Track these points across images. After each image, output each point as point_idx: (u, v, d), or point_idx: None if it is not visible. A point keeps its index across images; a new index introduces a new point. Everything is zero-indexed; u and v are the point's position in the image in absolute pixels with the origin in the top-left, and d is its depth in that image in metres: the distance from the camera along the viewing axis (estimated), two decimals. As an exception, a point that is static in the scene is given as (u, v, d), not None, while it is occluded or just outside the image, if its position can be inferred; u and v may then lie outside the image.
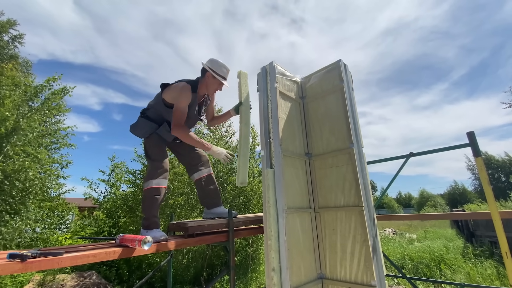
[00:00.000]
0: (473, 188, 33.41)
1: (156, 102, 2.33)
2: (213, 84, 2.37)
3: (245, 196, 7.30)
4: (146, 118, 2.33)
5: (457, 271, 6.89)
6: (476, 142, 2.16)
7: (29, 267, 1.22)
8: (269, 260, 2.01)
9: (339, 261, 2.21)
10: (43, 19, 64.37)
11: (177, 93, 2.20)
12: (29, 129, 5.94)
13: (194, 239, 2.04)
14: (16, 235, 5.47)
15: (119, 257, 1.56)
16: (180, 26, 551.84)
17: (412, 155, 2.59)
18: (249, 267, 6.82)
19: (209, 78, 2.35)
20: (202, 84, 2.37)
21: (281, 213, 2.11)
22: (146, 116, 2.34)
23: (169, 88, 2.28)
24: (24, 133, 5.79)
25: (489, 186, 2.05)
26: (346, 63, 2.72)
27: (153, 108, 2.35)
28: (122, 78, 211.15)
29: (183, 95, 2.19)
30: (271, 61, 2.62)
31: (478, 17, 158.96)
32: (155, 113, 2.34)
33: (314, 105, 2.78)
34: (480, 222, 9.38)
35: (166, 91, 2.28)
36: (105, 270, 6.38)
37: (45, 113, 7.01)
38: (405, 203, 50.27)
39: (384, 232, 13.98)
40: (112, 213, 7.47)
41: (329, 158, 2.50)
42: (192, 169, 2.52)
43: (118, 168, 7.98)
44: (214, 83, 2.37)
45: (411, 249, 8.62)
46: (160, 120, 2.33)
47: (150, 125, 2.31)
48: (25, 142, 5.81)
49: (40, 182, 6.05)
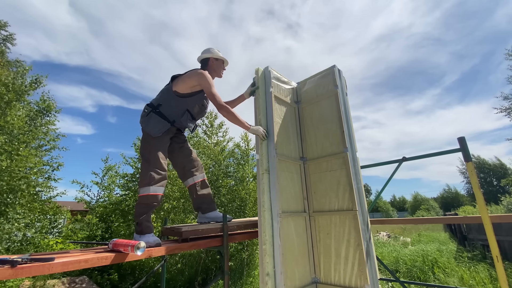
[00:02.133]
0: (466, 192, 33.90)
1: (168, 97, 2.29)
2: (218, 65, 2.54)
3: (240, 199, 7.28)
4: (159, 115, 2.23)
5: (450, 274, 6.95)
6: (467, 147, 2.20)
7: (19, 273, 1.19)
8: (263, 265, 2.01)
9: (333, 265, 2.21)
10: (38, 20, 63.92)
11: (200, 80, 2.25)
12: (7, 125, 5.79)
13: (188, 243, 2.02)
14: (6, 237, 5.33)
15: (112, 263, 1.54)
16: (176, 29, 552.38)
17: (405, 159, 2.63)
18: (243, 272, 6.77)
19: (213, 62, 2.50)
20: (210, 71, 2.46)
21: (275, 217, 2.11)
22: (158, 112, 2.23)
23: (182, 79, 2.30)
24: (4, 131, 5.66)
25: (480, 191, 2.08)
26: (341, 69, 2.75)
27: (165, 105, 2.27)
28: (117, 81, 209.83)
29: (207, 79, 2.26)
30: (267, 66, 2.64)
31: (469, 25, 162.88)
32: (168, 110, 2.26)
33: (308, 109, 2.81)
34: (472, 226, 9.51)
35: (179, 83, 2.29)
36: (96, 275, 6.27)
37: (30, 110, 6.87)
38: (399, 206, 50.64)
39: (379, 235, 14.05)
40: (105, 217, 7.37)
41: (323, 163, 2.52)
42: (187, 174, 2.49)
43: (112, 170, 7.88)
44: (219, 64, 2.55)
45: (405, 253, 8.68)
46: (172, 117, 2.26)
47: (163, 124, 2.21)
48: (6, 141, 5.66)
49: (26, 182, 5.91)
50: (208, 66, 2.50)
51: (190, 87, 2.28)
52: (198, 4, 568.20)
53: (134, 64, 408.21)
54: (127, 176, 7.46)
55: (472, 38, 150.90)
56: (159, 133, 2.18)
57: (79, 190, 7.39)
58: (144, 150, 2.19)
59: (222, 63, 2.57)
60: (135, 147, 7.44)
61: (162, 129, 2.20)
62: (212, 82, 2.30)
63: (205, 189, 2.50)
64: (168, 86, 2.35)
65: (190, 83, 2.28)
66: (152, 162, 2.11)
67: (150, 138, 2.19)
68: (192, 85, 2.28)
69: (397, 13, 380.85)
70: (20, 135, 6.20)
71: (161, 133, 2.19)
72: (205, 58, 2.52)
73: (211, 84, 2.28)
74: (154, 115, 2.22)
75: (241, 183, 7.48)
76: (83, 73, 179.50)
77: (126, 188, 7.40)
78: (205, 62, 2.52)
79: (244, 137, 8.41)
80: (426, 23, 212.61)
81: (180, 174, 2.53)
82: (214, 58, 2.51)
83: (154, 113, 2.23)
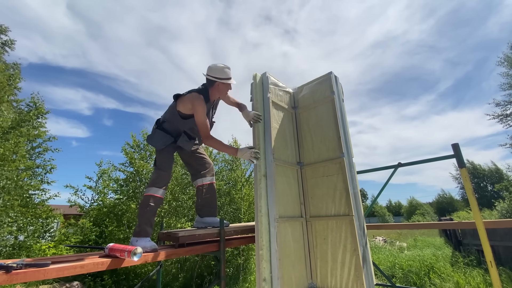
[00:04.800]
0: (460, 197, 34.15)
1: (171, 115, 2.41)
2: (224, 89, 2.49)
3: (235, 203, 7.26)
4: (162, 130, 2.40)
5: (446, 279, 6.97)
6: (461, 154, 2.24)
7: (14, 279, 1.18)
8: (260, 270, 2.00)
9: (329, 271, 2.21)
10: (34, 23, 63.73)
11: (192, 105, 2.27)
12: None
13: (185, 249, 2.01)
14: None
15: (108, 268, 1.53)
16: (174, 33, 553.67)
17: (401, 165, 2.66)
18: (239, 277, 6.72)
19: (219, 86, 2.44)
20: (213, 92, 2.46)
21: (272, 222, 2.11)
22: (162, 128, 2.41)
23: (182, 99, 2.35)
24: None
25: (474, 196, 2.12)
26: (337, 75, 2.79)
27: (168, 121, 2.42)
28: (114, 84, 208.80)
29: (200, 107, 2.26)
30: (265, 72, 2.67)
31: (462, 32, 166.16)
32: (171, 126, 2.42)
33: (306, 115, 2.83)
34: (467, 231, 9.57)
35: (180, 102, 2.34)
36: (89, 281, 6.16)
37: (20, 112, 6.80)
38: (395, 211, 50.81)
39: (375, 240, 14.06)
40: (99, 221, 7.27)
41: (320, 168, 2.54)
42: (197, 175, 2.63)
43: (106, 174, 7.80)
44: (225, 87, 2.49)
45: (401, 258, 8.69)
46: (176, 132, 2.43)
47: (166, 138, 2.38)
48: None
49: (14, 181, 5.81)
50: (213, 87, 2.41)
51: (187, 110, 2.33)
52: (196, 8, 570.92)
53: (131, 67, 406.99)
54: (119, 180, 7.40)
55: (465, 46, 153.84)
56: (163, 145, 2.35)
57: (72, 193, 7.27)
58: (156, 158, 2.41)
59: (228, 85, 2.48)
60: (125, 153, 7.38)
61: (166, 142, 2.36)
62: (204, 111, 2.28)
63: (211, 193, 2.60)
64: (173, 105, 2.42)
65: (188, 106, 2.32)
66: (161, 167, 2.32)
67: (157, 150, 2.40)
68: (189, 108, 2.32)
69: (392, 20, 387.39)
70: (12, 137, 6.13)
71: (165, 145, 2.36)
72: (212, 80, 2.39)
73: (202, 113, 2.26)
74: (158, 131, 2.40)
75: (234, 187, 7.45)
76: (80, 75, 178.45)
77: (119, 192, 7.33)
78: (211, 82, 2.41)
79: (234, 141, 8.42)
80: (421, 30, 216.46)
81: (193, 176, 2.69)
82: (221, 83, 2.41)
83: (158, 129, 2.41)
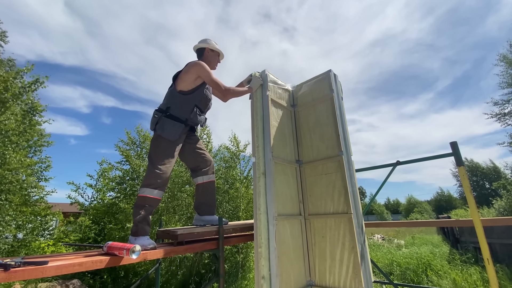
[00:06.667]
0: (459, 195, 34.32)
1: (174, 98, 2.28)
2: (213, 57, 2.54)
3: (234, 201, 7.26)
4: (170, 118, 2.21)
5: (443, 277, 7.03)
6: (459, 152, 2.25)
7: (13, 277, 1.18)
8: (259, 268, 2.01)
9: (328, 268, 2.22)
10: (32, 20, 63.28)
11: (196, 70, 2.26)
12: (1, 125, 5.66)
13: (184, 247, 2.01)
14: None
15: (106, 266, 1.53)
16: (172, 31, 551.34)
17: (399, 163, 2.67)
18: (238, 274, 6.75)
19: (208, 53, 2.52)
20: (204, 62, 2.44)
21: (271, 220, 2.12)
22: (169, 115, 2.21)
23: (180, 77, 2.31)
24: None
25: (471, 194, 2.12)
26: (336, 73, 2.79)
27: (173, 106, 2.25)
28: (112, 81, 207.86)
29: (204, 67, 2.28)
30: (264, 69, 2.66)
31: (461, 31, 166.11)
32: (178, 111, 2.25)
33: (305, 113, 2.83)
34: (465, 229, 9.63)
35: (180, 80, 2.29)
36: (89, 279, 6.17)
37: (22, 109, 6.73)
38: (393, 209, 51.05)
39: (373, 238, 14.14)
40: (98, 219, 7.27)
41: (319, 166, 2.54)
42: (199, 173, 2.54)
43: (106, 172, 7.79)
44: (214, 55, 2.54)
45: (399, 255, 8.75)
46: (184, 116, 2.27)
47: (178, 126, 2.21)
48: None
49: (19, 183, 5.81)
50: (204, 56, 2.51)
51: (192, 81, 2.29)
52: (195, 6, 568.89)
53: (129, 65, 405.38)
54: (117, 178, 7.39)
55: (464, 44, 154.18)
56: (176, 136, 2.19)
57: (73, 190, 7.26)
58: (152, 153, 2.17)
59: (217, 55, 2.59)
60: (120, 150, 7.35)
61: (178, 131, 2.20)
62: (210, 70, 2.32)
63: (210, 191, 2.54)
64: (172, 88, 2.35)
65: (190, 78, 2.28)
66: (157, 166, 2.09)
67: (161, 142, 2.16)
68: (192, 79, 2.28)
69: (391, 19, 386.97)
70: (13, 136, 6.09)
71: (179, 135, 2.21)
72: (201, 48, 2.53)
73: (210, 72, 2.30)
74: (166, 120, 2.19)
75: (232, 186, 7.45)
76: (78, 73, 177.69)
77: (117, 191, 7.32)
78: (201, 52, 2.53)
79: (233, 139, 8.33)
80: (419, 29, 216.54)
81: (192, 172, 2.60)
82: (210, 49, 2.53)
83: (166, 117, 2.20)
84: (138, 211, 1.98)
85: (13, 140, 6.01)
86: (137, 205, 2.02)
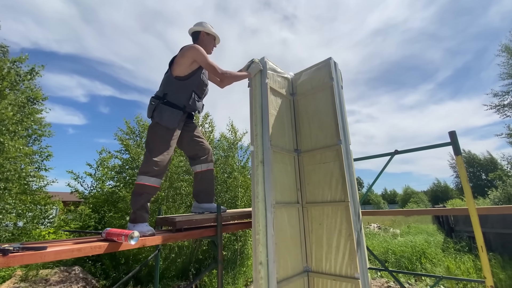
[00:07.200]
0: (455, 186, 34.77)
1: (171, 84, 2.23)
2: (209, 41, 2.49)
3: (233, 191, 7.31)
4: (168, 105, 2.17)
5: (437, 264, 7.19)
6: (457, 141, 2.25)
7: (11, 261, 1.19)
8: (256, 254, 2.04)
9: (324, 255, 2.26)
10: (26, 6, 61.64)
11: (192, 54, 2.22)
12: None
13: (183, 233, 2.03)
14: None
15: (105, 252, 1.55)
16: (170, 18, 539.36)
17: (397, 152, 2.67)
18: (237, 262, 6.88)
19: (204, 36, 2.47)
20: (199, 45, 2.37)
21: (269, 208, 2.14)
22: (167, 102, 2.17)
23: (176, 62, 2.26)
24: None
25: (468, 183, 2.14)
26: (336, 61, 2.75)
27: (171, 91, 2.21)
28: (109, 70, 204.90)
29: (201, 52, 2.23)
30: (263, 57, 2.62)
31: (463, 21, 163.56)
32: (175, 97, 2.21)
33: (304, 102, 2.81)
34: (460, 218, 9.79)
35: (175, 67, 2.25)
36: (90, 266, 6.28)
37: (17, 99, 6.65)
38: (390, 199, 51.76)
39: (369, 227, 14.37)
40: (98, 207, 7.32)
41: (317, 155, 2.54)
42: (197, 161, 2.51)
43: (106, 162, 7.79)
44: (210, 39, 2.50)
45: (394, 244, 8.92)
46: (182, 102, 2.23)
47: (176, 113, 2.17)
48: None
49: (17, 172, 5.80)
50: (199, 40, 2.46)
51: (188, 66, 2.24)
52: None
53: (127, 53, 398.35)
54: (116, 167, 7.40)
55: (466, 35, 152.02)
56: (175, 123, 2.16)
57: (73, 178, 7.26)
58: (149, 140, 2.14)
59: (213, 39, 2.53)
60: (119, 139, 7.33)
61: (177, 118, 2.18)
62: (206, 54, 2.27)
63: (209, 179, 2.52)
64: (168, 74, 2.30)
65: (186, 62, 2.23)
66: (154, 153, 2.06)
67: (159, 129, 2.13)
68: (188, 63, 2.23)
69: (393, 8, 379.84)
70: (11, 125, 6.04)
71: (177, 123, 2.18)
72: (196, 32, 2.47)
73: (206, 56, 2.25)
74: (164, 107, 2.15)
75: (231, 175, 7.48)
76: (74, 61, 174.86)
77: (116, 180, 7.35)
78: (196, 35, 2.48)
79: (231, 128, 8.28)
80: (422, 18, 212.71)
81: (191, 160, 2.57)
82: (205, 33, 2.47)
83: (163, 104, 2.16)
84: (136, 199, 1.98)
85: (10, 129, 5.96)
86: (135, 193, 2.01)
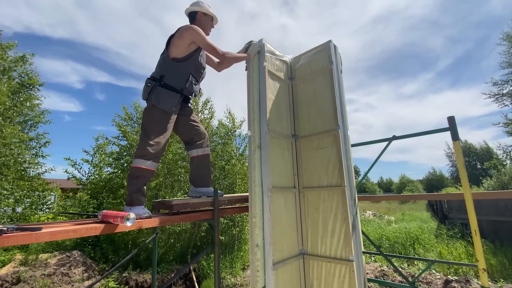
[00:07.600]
0: (450, 174, 35.21)
1: (168, 65, 2.17)
2: (206, 21, 2.41)
3: (231, 178, 7.34)
4: (165, 87, 2.11)
5: (429, 250, 7.37)
6: (456, 127, 2.24)
7: (5, 242, 1.18)
8: (253, 237, 2.06)
9: (320, 238, 2.29)
10: (16, -13, 59.38)
11: (192, 35, 2.15)
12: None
13: (179, 216, 2.04)
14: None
15: (101, 233, 1.55)
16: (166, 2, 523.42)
17: (395, 138, 2.66)
18: (234, 247, 7.01)
19: (201, 17, 2.39)
20: (198, 27, 2.31)
21: (266, 192, 2.14)
22: (164, 84, 2.11)
23: (173, 43, 2.18)
24: None
25: (464, 169, 2.15)
26: (336, 45, 2.68)
27: (168, 73, 2.15)
28: (105, 56, 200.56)
29: (199, 32, 2.17)
30: (261, 38, 2.54)
31: (465, 8, 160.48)
32: (173, 78, 2.15)
33: (302, 86, 2.76)
34: (453, 205, 9.97)
35: (172, 48, 2.17)
36: (89, 250, 6.37)
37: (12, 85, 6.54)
38: (386, 187, 52.53)
39: (365, 214, 14.63)
40: (96, 194, 7.34)
41: (314, 140, 2.52)
42: (193, 146, 2.48)
43: (102, 148, 7.75)
44: (207, 19, 2.41)
45: (389, 230, 9.10)
46: (179, 85, 2.18)
47: (174, 96, 2.12)
48: None
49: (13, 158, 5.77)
50: (196, 20, 2.37)
51: (185, 48, 2.17)
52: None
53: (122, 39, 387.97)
54: (114, 154, 7.37)
55: (468, 23, 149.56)
56: (173, 107, 2.12)
57: (70, 164, 7.24)
58: (145, 123, 2.10)
59: (211, 19, 2.45)
60: (116, 125, 7.25)
61: (174, 101, 2.13)
62: (204, 34, 2.20)
63: (205, 164, 2.50)
64: (164, 55, 2.22)
65: (184, 44, 2.16)
66: (151, 136, 2.03)
67: (156, 112, 2.08)
68: (186, 45, 2.16)
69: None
70: (4, 110, 5.93)
71: (175, 106, 2.14)
72: (193, 12, 2.38)
73: (205, 36, 2.19)
74: (161, 89, 2.10)
75: (228, 162, 7.48)
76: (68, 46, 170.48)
77: (114, 166, 7.33)
78: (193, 16, 2.39)
79: (229, 115, 8.22)
80: (424, 4, 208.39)
81: (187, 145, 2.54)
82: (202, 13, 2.38)
83: (160, 87, 2.10)
84: (132, 182, 1.96)
85: (5, 115, 5.87)
86: (131, 176, 1.99)
